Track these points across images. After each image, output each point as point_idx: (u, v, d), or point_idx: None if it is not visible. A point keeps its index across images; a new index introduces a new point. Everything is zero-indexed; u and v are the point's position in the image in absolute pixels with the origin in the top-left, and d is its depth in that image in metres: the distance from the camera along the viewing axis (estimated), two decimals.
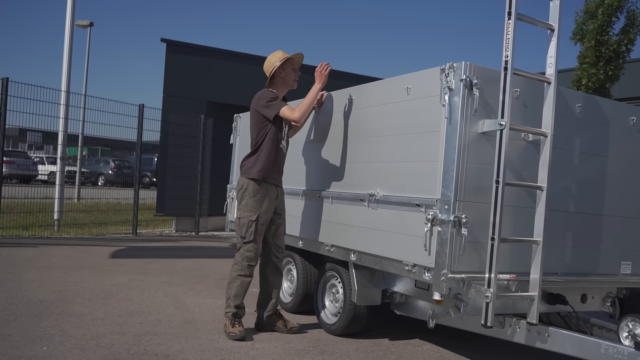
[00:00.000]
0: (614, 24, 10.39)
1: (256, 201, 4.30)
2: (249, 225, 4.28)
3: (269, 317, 4.46)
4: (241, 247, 4.34)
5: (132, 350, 3.75)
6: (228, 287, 4.36)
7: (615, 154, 3.95)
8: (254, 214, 4.28)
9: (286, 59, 4.44)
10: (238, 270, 4.32)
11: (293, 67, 4.50)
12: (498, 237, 3.13)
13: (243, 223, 4.31)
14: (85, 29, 20.87)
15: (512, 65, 3.17)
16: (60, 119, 10.43)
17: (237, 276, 4.31)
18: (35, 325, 4.14)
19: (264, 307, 4.49)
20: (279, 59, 4.44)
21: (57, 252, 7.89)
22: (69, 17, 11.04)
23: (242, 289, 4.32)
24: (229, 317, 4.27)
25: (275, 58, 4.47)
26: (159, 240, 10.34)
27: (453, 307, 3.46)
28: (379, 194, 3.89)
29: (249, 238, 4.28)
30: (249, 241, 4.29)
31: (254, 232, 4.28)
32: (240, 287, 4.31)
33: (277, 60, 4.44)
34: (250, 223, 4.27)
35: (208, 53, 12.57)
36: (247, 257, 4.31)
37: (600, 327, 4.06)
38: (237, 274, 4.31)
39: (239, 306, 4.30)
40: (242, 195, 4.35)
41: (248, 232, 4.28)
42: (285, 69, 4.46)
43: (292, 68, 4.49)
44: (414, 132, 3.64)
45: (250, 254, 4.31)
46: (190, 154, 11.80)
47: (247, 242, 4.30)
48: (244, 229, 4.30)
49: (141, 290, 5.67)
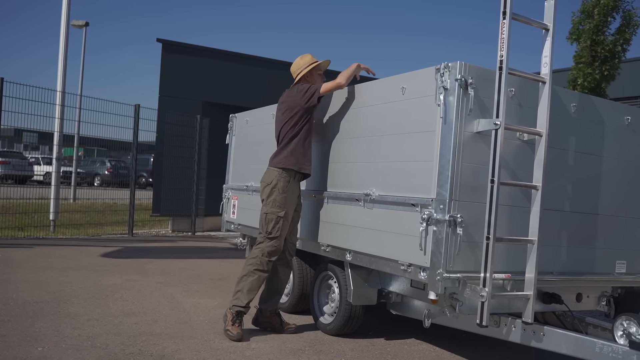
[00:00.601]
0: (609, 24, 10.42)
1: (285, 198, 4.30)
2: (277, 221, 4.26)
3: (270, 314, 4.46)
4: (262, 242, 4.30)
5: (127, 350, 3.74)
6: (241, 281, 4.28)
7: (610, 154, 3.96)
8: (282, 210, 4.28)
9: (315, 65, 4.50)
10: (257, 264, 4.26)
11: (320, 72, 4.57)
12: (493, 237, 3.14)
13: (270, 219, 4.28)
14: (81, 29, 20.80)
15: (507, 65, 3.18)
16: (56, 119, 10.41)
17: (254, 270, 4.25)
18: (31, 326, 4.13)
19: (267, 302, 4.48)
20: (308, 64, 4.50)
21: (53, 253, 7.87)
22: (64, 17, 11.01)
23: (257, 284, 4.28)
24: (233, 312, 4.20)
25: (303, 62, 4.52)
26: (155, 241, 10.32)
27: (448, 306, 3.46)
28: (374, 194, 3.89)
29: (275, 234, 4.27)
30: (274, 237, 4.28)
31: (280, 228, 4.27)
32: (257, 282, 4.27)
33: (305, 65, 4.50)
34: (278, 219, 4.27)
35: (204, 53, 12.56)
36: (268, 253, 4.27)
37: (595, 326, 4.06)
38: (254, 268, 4.25)
39: (248, 303, 4.25)
40: (271, 191, 4.32)
41: (275, 228, 4.27)
42: (312, 74, 4.53)
43: (318, 74, 4.56)
44: (409, 132, 3.64)
45: (273, 250, 4.29)
46: (187, 154, 11.79)
47: (272, 237, 4.28)
48: (270, 224, 4.27)
49: (137, 290, 5.66)
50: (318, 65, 4.55)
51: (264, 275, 4.30)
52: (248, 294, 4.24)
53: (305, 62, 4.52)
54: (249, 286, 4.24)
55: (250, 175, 5.76)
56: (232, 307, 4.23)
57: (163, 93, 11.93)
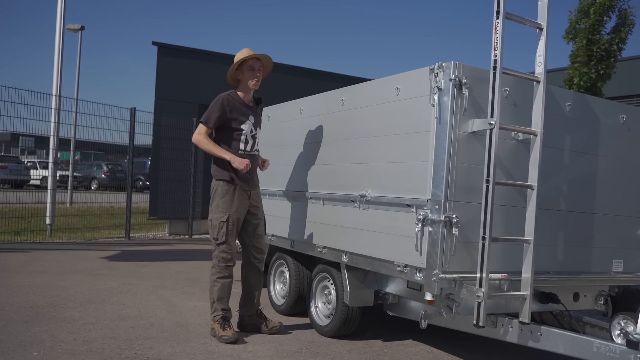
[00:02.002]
0: (605, 23, 10.43)
1: (226, 202, 4.31)
2: (220, 226, 4.28)
3: (250, 317, 4.48)
4: (215, 249, 4.33)
5: (123, 354, 3.72)
6: (210, 292, 4.35)
7: (605, 152, 3.95)
8: (224, 214, 4.29)
9: (241, 61, 4.36)
10: (216, 272, 4.31)
11: (251, 68, 4.38)
12: (489, 237, 3.13)
13: (214, 225, 4.31)
14: (77, 32, 20.78)
15: (501, 65, 3.17)
16: (52, 123, 10.38)
17: (217, 279, 4.30)
18: (26, 331, 4.11)
19: (245, 307, 4.51)
20: (236, 60, 4.38)
21: (49, 257, 7.84)
22: (59, 21, 10.98)
23: (224, 291, 4.31)
24: (217, 320, 4.24)
25: (235, 59, 4.40)
26: (152, 244, 10.30)
27: (445, 307, 3.45)
28: (369, 195, 3.88)
29: (221, 239, 4.29)
30: (222, 242, 4.29)
31: (225, 232, 4.28)
32: (222, 289, 4.30)
33: (235, 62, 4.38)
34: (222, 224, 4.28)
35: (200, 56, 12.53)
36: (222, 258, 4.30)
37: (592, 326, 4.06)
38: (216, 277, 4.31)
39: (225, 309, 4.29)
40: (212, 197, 4.37)
41: (220, 233, 4.29)
42: (242, 70, 4.39)
43: (249, 70, 4.38)
44: (404, 133, 3.63)
45: (226, 255, 4.30)
46: (183, 157, 11.76)
47: (220, 243, 4.30)
48: (215, 230, 4.30)
49: (133, 294, 5.64)
50: (245, 62, 4.37)
51: (227, 282, 4.32)
52: (220, 303, 4.28)
53: (236, 59, 4.38)
54: (217, 295, 4.28)
55: None
56: (214, 318, 4.28)
57: (159, 96, 11.91)
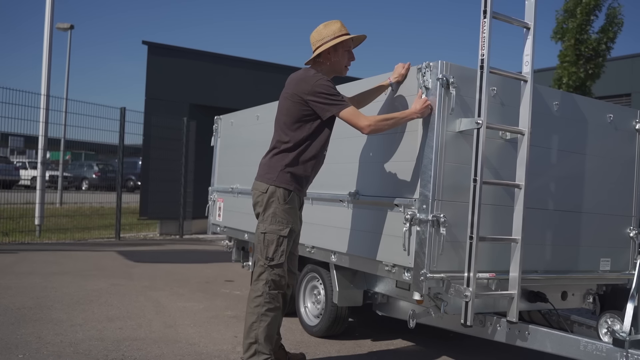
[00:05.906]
0: (592, 22, 10.49)
1: (288, 210, 3.29)
2: (279, 242, 3.25)
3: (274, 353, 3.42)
4: (264, 271, 3.26)
5: (110, 356, 3.69)
6: (250, 327, 3.22)
7: (592, 151, 3.96)
8: (285, 227, 3.26)
9: (343, 39, 3.36)
10: (265, 303, 3.21)
11: (348, 48, 3.46)
12: (477, 236, 3.13)
13: (271, 240, 3.25)
14: (66, 32, 20.64)
15: (488, 64, 3.17)
16: (41, 122, 10.31)
17: (266, 312, 3.21)
18: (12, 333, 4.07)
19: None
20: (334, 35, 3.35)
21: (38, 258, 7.79)
22: (47, 19, 10.90)
23: (273, 328, 3.27)
24: None
25: (328, 32, 3.36)
26: (143, 244, 10.25)
27: (433, 306, 3.45)
28: (358, 195, 3.87)
29: (278, 260, 3.25)
30: (278, 264, 3.26)
31: (284, 251, 3.27)
32: (271, 326, 3.24)
33: (330, 36, 3.34)
34: (281, 240, 3.25)
35: (190, 55, 12.50)
36: (275, 284, 3.26)
37: (580, 324, 4.08)
38: (265, 309, 3.21)
39: (271, 352, 3.25)
40: (268, 203, 3.28)
41: (278, 252, 3.24)
42: (337, 51, 3.40)
43: (346, 50, 3.44)
44: (392, 132, 3.62)
45: (280, 280, 3.28)
46: (174, 157, 11.71)
47: (276, 265, 3.26)
48: (271, 247, 3.24)
49: (122, 295, 5.60)
50: (347, 41, 3.41)
51: (278, 314, 3.31)
52: (267, 344, 3.22)
53: (330, 33, 3.35)
54: (264, 333, 3.21)
55: (235, 177, 5.72)
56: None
57: (149, 95, 11.88)
